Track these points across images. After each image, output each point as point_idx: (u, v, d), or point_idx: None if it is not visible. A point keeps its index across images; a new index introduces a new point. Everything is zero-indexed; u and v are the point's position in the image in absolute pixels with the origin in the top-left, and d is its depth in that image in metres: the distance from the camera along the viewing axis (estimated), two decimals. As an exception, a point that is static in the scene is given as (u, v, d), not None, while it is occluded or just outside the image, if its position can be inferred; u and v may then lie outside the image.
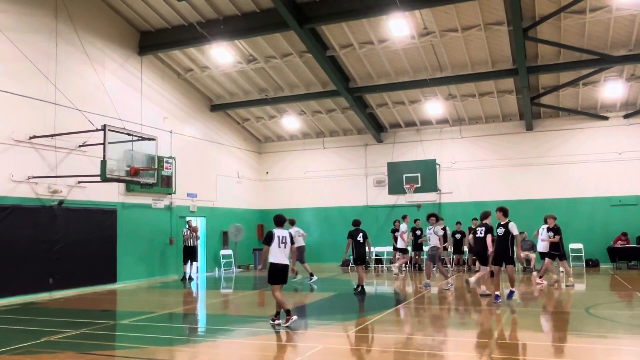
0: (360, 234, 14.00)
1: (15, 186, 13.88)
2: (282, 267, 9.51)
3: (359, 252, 14.00)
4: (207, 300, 14.78)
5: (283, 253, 9.50)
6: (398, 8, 14.92)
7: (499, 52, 17.68)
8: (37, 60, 14.55)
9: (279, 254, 9.45)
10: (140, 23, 17.93)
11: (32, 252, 14.04)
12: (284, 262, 9.51)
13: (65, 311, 12.21)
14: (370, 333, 9.17)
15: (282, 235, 9.52)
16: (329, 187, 24.00)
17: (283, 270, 9.53)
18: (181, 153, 19.80)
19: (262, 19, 16.62)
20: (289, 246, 9.59)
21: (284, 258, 9.53)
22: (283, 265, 9.51)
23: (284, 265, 9.52)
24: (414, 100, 21.14)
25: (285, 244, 9.52)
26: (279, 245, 9.44)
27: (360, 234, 14.00)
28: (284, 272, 9.57)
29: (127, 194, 17.42)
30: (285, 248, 9.51)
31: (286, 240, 9.54)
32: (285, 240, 9.53)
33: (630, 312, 11.27)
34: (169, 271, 19.04)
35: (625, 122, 20.19)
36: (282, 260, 9.50)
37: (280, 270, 9.50)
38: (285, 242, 9.52)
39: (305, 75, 19.92)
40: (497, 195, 21.25)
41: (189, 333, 9.97)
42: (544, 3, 15.30)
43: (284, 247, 9.49)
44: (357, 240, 13.97)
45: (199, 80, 20.93)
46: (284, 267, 9.54)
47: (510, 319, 10.16)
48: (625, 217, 19.66)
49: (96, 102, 16.34)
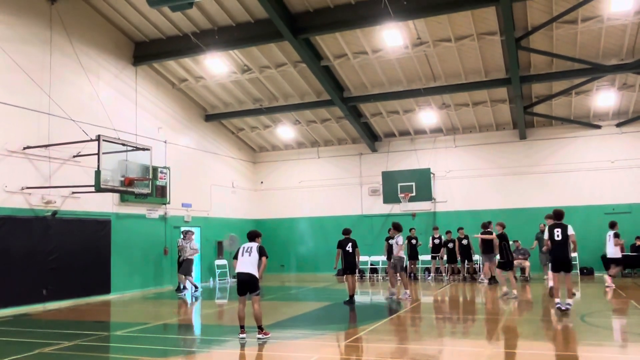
0: (350, 243, 13.79)
1: (8, 197, 13.81)
2: (242, 276, 9.33)
3: (347, 262, 13.75)
4: (201, 310, 14.71)
5: (245, 262, 9.33)
6: (391, 18, 15.02)
7: (492, 61, 17.81)
8: (31, 71, 14.53)
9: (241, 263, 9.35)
10: (135, 33, 17.97)
11: (26, 263, 13.95)
12: (244, 270, 9.30)
13: (58, 322, 12.13)
14: (365, 343, 9.14)
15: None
16: (324, 197, 24.00)
17: (243, 279, 9.33)
18: (176, 163, 19.77)
19: (256, 29, 16.69)
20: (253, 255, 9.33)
21: (246, 267, 9.31)
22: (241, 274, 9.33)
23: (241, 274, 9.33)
24: (408, 110, 21.23)
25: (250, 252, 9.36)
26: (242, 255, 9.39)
27: (349, 243, 13.80)
28: (244, 282, 9.34)
29: (121, 204, 17.36)
30: (249, 256, 9.33)
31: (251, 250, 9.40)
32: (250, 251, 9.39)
33: (626, 320, 11.29)
34: (164, 282, 18.94)
35: (617, 130, 20.33)
36: (244, 269, 9.30)
37: (241, 280, 9.35)
38: (250, 252, 9.37)
39: (299, 85, 19.99)
40: (491, 204, 21.31)
41: (184, 344, 9.90)
42: (536, 13, 15.45)
43: (247, 255, 9.36)
44: (346, 250, 13.74)
45: (193, 90, 20.96)
46: (242, 276, 9.32)
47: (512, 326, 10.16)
48: (619, 225, 19.68)
49: (90, 112, 16.32)
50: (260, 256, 9.34)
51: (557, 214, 11.55)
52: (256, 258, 9.32)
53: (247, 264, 9.28)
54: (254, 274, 9.27)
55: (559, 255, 11.20)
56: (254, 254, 9.32)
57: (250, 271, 9.25)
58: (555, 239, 11.17)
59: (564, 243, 11.11)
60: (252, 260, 9.29)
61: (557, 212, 11.56)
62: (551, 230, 11.30)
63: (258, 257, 9.33)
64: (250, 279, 9.24)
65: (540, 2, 14.98)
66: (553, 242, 11.21)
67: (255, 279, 9.26)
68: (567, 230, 11.15)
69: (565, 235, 11.11)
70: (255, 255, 9.32)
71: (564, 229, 11.18)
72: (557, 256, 11.23)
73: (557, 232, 11.17)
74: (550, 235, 11.27)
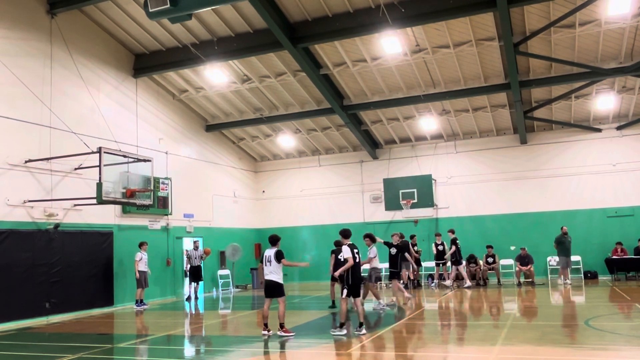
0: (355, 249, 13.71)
1: (11, 210, 13.83)
2: (267, 283, 10.43)
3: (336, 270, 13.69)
4: (205, 321, 14.66)
5: (268, 270, 10.34)
6: (390, 26, 15.08)
7: (491, 67, 17.85)
8: (32, 84, 14.60)
9: (265, 272, 10.42)
10: (135, 45, 18.05)
11: (29, 276, 13.95)
12: (268, 278, 10.35)
13: (62, 335, 12.09)
14: (370, 350, 9.10)
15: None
16: (326, 205, 23.99)
17: (268, 286, 10.41)
18: (177, 174, 19.80)
19: (255, 39, 16.76)
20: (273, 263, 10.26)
21: (269, 275, 10.34)
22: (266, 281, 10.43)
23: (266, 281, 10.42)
24: (408, 117, 21.26)
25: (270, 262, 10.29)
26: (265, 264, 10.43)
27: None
28: (268, 288, 10.41)
29: (123, 215, 17.37)
30: (270, 265, 10.28)
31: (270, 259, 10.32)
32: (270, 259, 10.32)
33: (631, 323, 11.23)
34: (167, 293, 18.92)
35: (618, 133, 20.33)
36: (267, 277, 10.37)
37: (266, 286, 10.46)
38: (270, 261, 10.29)
39: (299, 93, 20.04)
40: (493, 209, 21.30)
41: (187, 355, 9.87)
42: (534, 18, 15.50)
43: (268, 265, 10.31)
44: (338, 258, 13.66)
45: (194, 100, 21.02)
46: (267, 282, 10.41)
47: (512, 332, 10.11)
48: (621, 228, 19.68)
49: (91, 124, 16.38)
50: (278, 262, 10.24)
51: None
52: (276, 265, 10.24)
53: (269, 272, 10.30)
54: (277, 281, 10.27)
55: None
56: (273, 262, 10.22)
57: (273, 279, 10.28)
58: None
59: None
60: (272, 269, 10.26)
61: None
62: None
63: (277, 264, 10.24)
64: (275, 286, 10.28)
65: (537, 7, 15.03)
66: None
67: (279, 286, 10.27)
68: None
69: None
70: (274, 263, 10.23)
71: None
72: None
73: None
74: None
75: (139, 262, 16.45)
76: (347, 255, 10.30)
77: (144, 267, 16.62)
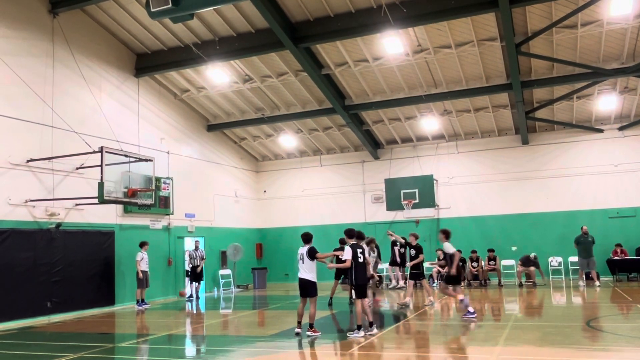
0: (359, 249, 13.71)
1: (12, 209, 13.84)
2: (300, 282, 10.36)
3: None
4: (206, 320, 14.66)
5: (301, 268, 10.30)
6: (392, 26, 15.08)
7: (493, 67, 17.83)
8: (33, 84, 14.62)
9: (299, 269, 10.36)
10: (137, 45, 18.06)
11: (30, 275, 13.96)
12: (302, 276, 10.30)
13: (63, 335, 12.10)
14: (374, 351, 9.09)
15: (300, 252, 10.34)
16: (327, 205, 23.98)
17: (301, 284, 10.36)
18: (178, 173, 19.81)
19: (257, 39, 16.76)
20: (306, 261, 10.21)
21: (302, 273, 10.28)
22: (299, 279, 10.35)
23: (299, 279, 10.34)
24: (410, 117, 21.25)
25: (302, 260, 10.24)
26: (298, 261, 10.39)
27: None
28: (301, 286, 10.36)
29: (125, 215, 17.38)
30: (303, 264, 10.24)
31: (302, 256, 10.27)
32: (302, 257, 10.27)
33: (632, 324, 11.22)
34: (168, 292, 18.93)
35: (620, 134, 20.30)
36: (301, 275, 10.31)
37: (300, 285, 10.41)
38: (302, 259, 10.25)
39: (301, 93, 20.04)
40: (495, 210, 21.28)
41: (188, 355, 9.88)
42: (536, 18, 15.48)
43: (301, 262, 10.28)
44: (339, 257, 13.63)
45: (195, 100, 21.03)
46: (300, 281, 10.34)
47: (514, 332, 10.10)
48: (623, 229, 19.66)
49: (93, 124, 16.39)
50: (311, 259, 10.22)
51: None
52: (309, 263, 10.23)
53: (303, 270, 10.30)
54: (310, 279, 10.23)
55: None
56: (306, 260, 10.21)
57: (306, 277, 10.26)
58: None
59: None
60: (305, 267, 10.25)
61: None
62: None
63: (310, 261, 10.22)
64: (307, 284, 10.27)
65: (539, 8, 15.01)
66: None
67: (312, 284, 10.25)
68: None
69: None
70: (307, 261, 10.22)
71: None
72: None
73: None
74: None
75: (140, 262, 16.50)
76: (347, 256, 10.18)
77: (145, 267, 16.68)
